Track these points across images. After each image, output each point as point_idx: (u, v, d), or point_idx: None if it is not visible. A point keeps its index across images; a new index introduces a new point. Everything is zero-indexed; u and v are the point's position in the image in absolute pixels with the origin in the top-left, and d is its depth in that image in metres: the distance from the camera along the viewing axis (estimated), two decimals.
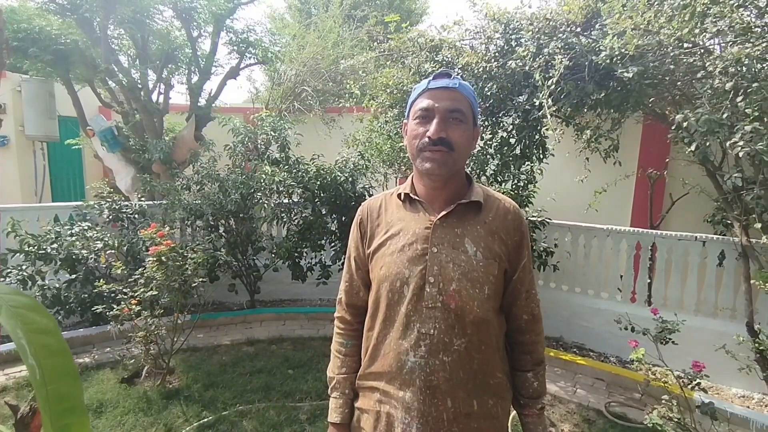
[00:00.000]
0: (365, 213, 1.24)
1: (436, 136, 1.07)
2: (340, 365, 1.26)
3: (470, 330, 1.08)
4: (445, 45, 3.71)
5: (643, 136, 5.08)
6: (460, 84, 1.12)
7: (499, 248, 1.12)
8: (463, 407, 1.09)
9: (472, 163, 3.89)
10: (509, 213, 1.17)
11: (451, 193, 1.15)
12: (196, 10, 5.72)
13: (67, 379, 0.33)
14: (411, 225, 1.14)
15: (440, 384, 1.07)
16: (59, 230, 4.00)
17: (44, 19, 5.30)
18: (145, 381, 3.23)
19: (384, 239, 1.16)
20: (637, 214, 5.21)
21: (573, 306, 4.24)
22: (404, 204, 1.19)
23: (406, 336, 1.09)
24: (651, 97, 3.28)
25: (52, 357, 0.31)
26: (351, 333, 1.28)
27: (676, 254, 3.79)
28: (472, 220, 1.13)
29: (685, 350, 2.90)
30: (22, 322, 0.30)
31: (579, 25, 3.20)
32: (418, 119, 1.12)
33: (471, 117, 1.13)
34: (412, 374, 1.08)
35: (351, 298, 1.27)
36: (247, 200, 4.37)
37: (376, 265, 1.16)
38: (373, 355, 1.18)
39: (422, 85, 1.15)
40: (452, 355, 1.07)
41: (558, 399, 3.25)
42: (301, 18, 10.61)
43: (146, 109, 5.83)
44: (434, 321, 1.07)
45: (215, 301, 4.86)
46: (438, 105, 1.09)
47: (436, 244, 1.10)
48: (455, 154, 1.09)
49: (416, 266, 1.09)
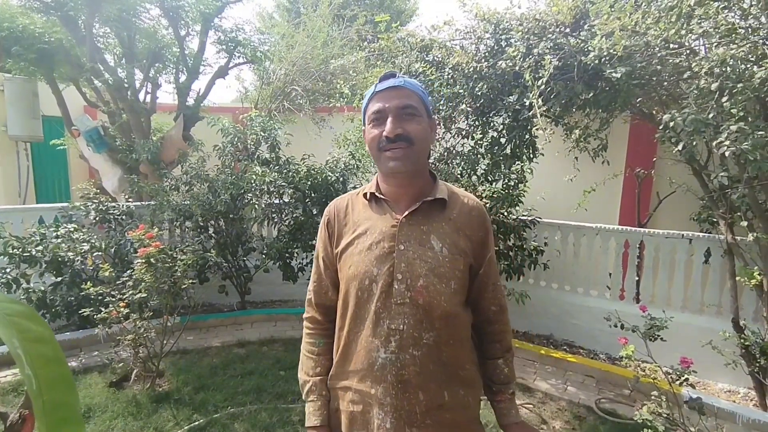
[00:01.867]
0: (332, 213, 1.25)
1: (393, 134, 1.10)
2: (313, 365, 1.26)
3: (438, 324, 1.11)
4: (436, 45, 3.72)
5: (631, 135, 5.15)
6: (405, 81, 1.15)
7: (465, 244, 1.15)
8: (435, 399, 1.11)
9: (463, 162, 3.91)
10: (473, 210, 1.20)
11: (417, 191, 1.17)
12: (184, 8, 5.65)
13: (62, 388, 0.32)
14: (378, 224, 1.16)
15: (411, 378, 1.09)
16: (44, 232, 3.92)
17: (28, 17, 5.19)
18: (134, 385, 3.18)
19: (352, 239, 1.18)
20: (625, 212, 5.28)
21: (563, 304, 4.28)
22: (370, 203, 1.21)
23: (376, 333, 1.11)
24: (638, 97, 3.32)
25: (47, 366, 0.31)
26: (322, 332, 1.28)
27: (664, 252, 3.84)
28: (437, 217, 1.16)
29: (672, 346, 2.94)
30: (18, 331, 0.29)
31: (568, 25, 3.23)
32: (373, 122, 1.15)
33: (423, 110, 1.16)
34: (383, 370, 1.10)
35: (320, 297, 1.28)
36: (237, 201, 4.33)
37: (344, 265, 1.18)
38: (344, 354, 1.19)
39: (371, 90, 1.18)
40: (422, 349, 1.10)
41: (549, 396, 3.28)
42: (290, 17, 10.55)
43: (133, 109, 5.74)
44: (403, 317, 1.10)
45: (205, 302, 4.81)
46: (389, 105, 1.12)
47: (403, 242, 1.12)
48: (416, 147, 1.11)
49: (384, 264, 1.11)
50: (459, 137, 3.97)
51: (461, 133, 3.95)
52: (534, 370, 3.68)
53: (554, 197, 4.77)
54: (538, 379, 3.52)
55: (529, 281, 4.48)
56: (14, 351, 0.30)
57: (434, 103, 3.61)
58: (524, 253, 4.03)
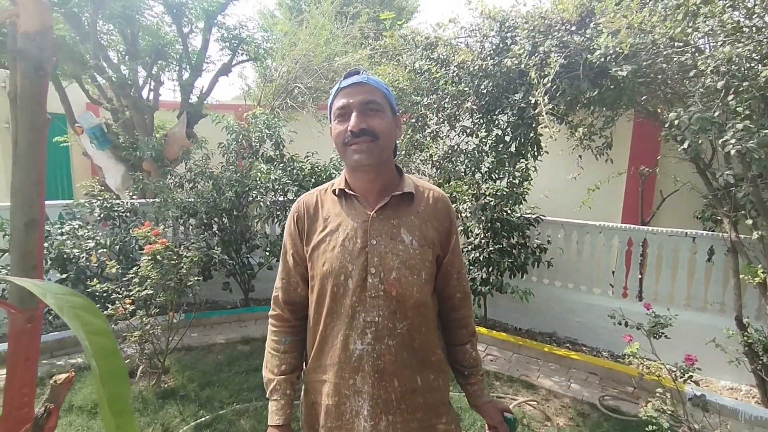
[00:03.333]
0: (301, 209, 1.26)
1: (357, 128, 1.12)
2: (278, 364, 1.26)
3: (411, 313, 1.16)
4: (441, 43, 3.72)
5: (635, 133, 5.15)
6: (369, 78, 1.17)
7: (432, 235, 1.19)
8: (409, 384, 1.17)
9: (467, 160, 3.92)
10: (439, 201, 1.24)
11: (384, 186, 1.20)
12: (187, 5, 5.65)
13: (119, 379, 0.33)
14: (349, 220, 1.18)
15: (387, 366, 1.14)
16: (49, 229, 3.93)
17: None
18: (140, 381, 3.20)
19: (323, 235, 1.19)
20: (628, 210, 5.29)
21: (566, 302, 4.29)
22: (339, 199, 1.22)
23: (352, 326, 1.15)
24: (644, 95, 3.33)
25: (107, 358, 0.31)
26: (288, 330, 1.29)
27: (667, 250, 3.85)
28: (406, 211, 1.19)
29: (675, 344, 2.95)
30: (81, 323, 0.30)
31: (574, 23, 3.23)
32: (338, 118, 1.16)
33: (388, 107, 1.18)
34: (360, 361, 1.14)
35: (289, 294, 1.28)
36: (242, 198, 4.34)
37: (317, 262, 1.19)
38: (320, 348, 1.21)
39: (335, 88, 1.20)
40: (396, 338, 1.15)
41: (553, 393, 3.30)
42: (292, 15, 10.52)
43: (136, 106, 5.75)
44: (378, 309, 1.14)
45: (209, 299, 4.82)
46: (353, 100, 1.14)
47: (374, 237, 1.15)
48: (381, 141, 1.14)
49: (358, 259, 1.14)
50: (464, 135, 3.98)
51: (466, 131, 3.96)
52: (537, 368, 3.69)
53: (558, 195, 4.78)
54: (542, 377, 3.54)
55: (532, 279, 4.50)
56: (82, 342, 0.31)
57: (439, 100, 3.62)
58: (528, 251, 4.05)
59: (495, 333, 4.13)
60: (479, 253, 4.03)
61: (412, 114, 3.88)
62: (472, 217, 3.93)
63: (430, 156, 3.97)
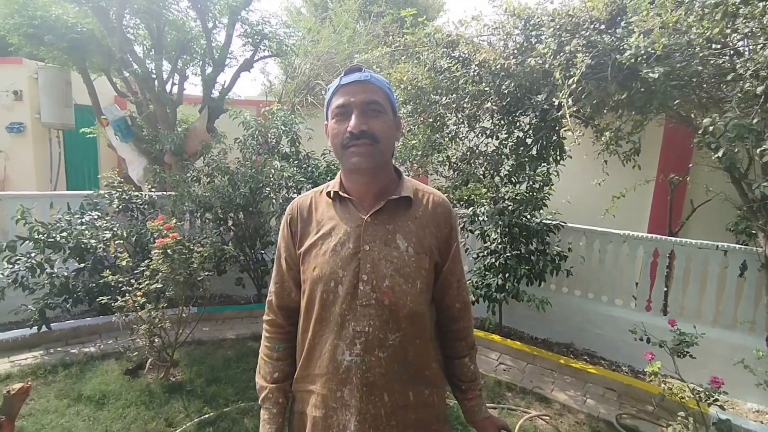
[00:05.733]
0: (295, 211, 1.22)
1: (358, 130, 1.06)
2: (271, 371, 1.23)
3: (404, 324, 1.10)
4: (462, 41, 3.62)
5: (665, 139, 4.93)
6: (371, 76, 1.12)
7: (430, 242, 1.13)
8: (400, 400, 1.11)
9: (486, 162, 3.81)
10: (438, 206, 1.18)
11: (381, 189, 1.14)
12: (212, 0, 5.68)
13: None
14: (342, 224, 1.13)
15: (377, 380, 1.08)
16: (69, 219, 4.00)
17: (60, 6, 5.30)
18: (148, 373, 3.21)
19: (315, 239, 1.15)
20: (655, 220, 5.06)
21: (585, 312, 4.13)
22: (334, 202, 1.17)
23: (341, 336, 1.09)
24: (676, 99, 3.15)
25: None
26: (282, 336, 1.25)
27: (696, 263, 3.66)
28: (402, 216, 1.13)
29: (701, 363, 2.79)
30: None
31: (603, 22, 3.08)
32: (337, 117, 1.11)
33: (389, 107, 1.13)
34: (348, 373, 1.09)
35: (282, 300, 1.24)
36: (256, 194, 4.33)
37: (309, 266, 1.14)
38: (308, 357, 1.16)
39: (335, 84, 1.14)
40: (387, 350, 1.09)
41: (567, 408, 3.16)
42: (317, 12, 10.53)
43: (159, 100, 5.82)
44: (369, 318, 1.08)
45: (222, 294, 4.85)
46: (354, 99, 1.08)
47: (368, 242, 1.10)
48: (380, 145, 1.09)
49: (349, 265, 1.09)
50: (483, 136, 3.87)
51: (485, 132, 3.84)
52: (552, 380, 3.55)
53: (581, 202, 4.60)
54: (556, 390, 3.40)
55: (550, 287, 4.35)
56: None
57: (458, 100, 3.52)
58: (546, 258, 3.90)
59: (509, 341, 4.01)
60: (495, 259, 3.91)
61: (430, 113, 3.79)
62: (490, 221, 3.82)
63: (448, 157, 3.87)
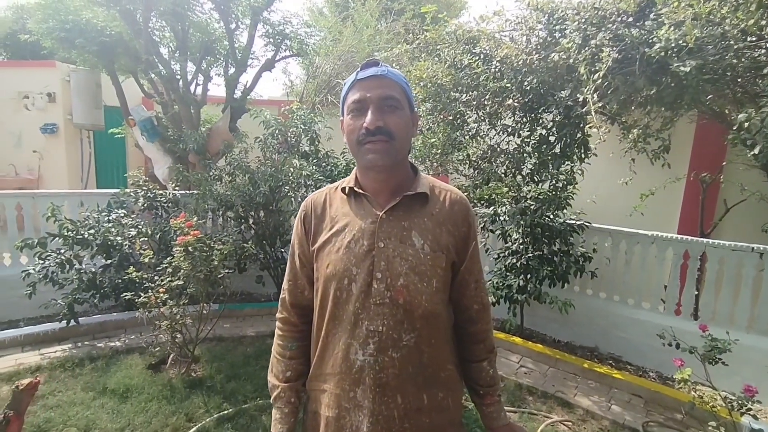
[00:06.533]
0: (309, 208, 1.20)
1: (374, 126, 1.04)
2: (284, 369, 1.22)
3: (419, 324, 1.07)
4: (483, 37, 3.55)
5: (697, 136, 4.74)
6: (389, 71, 1.09)
7: (447, 240, 1.11)
8: (414, 402, 1.08)
9: (508, 161, 3.73)
10: (456, 204, 1.15)
11: (396, 185, 1.12)
12: (235, 1, 5.75)
13: None
14: (356, 220, 1.11)
15: (390, 381, 1.06)
16: (97, 216, 4.12)
17: (90, 10, 5.47)
18: (170, 368, 3.27)
19: (329, 236, 1.13)
20: (686, 220, 4.87)
21: (611, 315, 4.00)
22: (349, 198, 1.15)
23: (354, 335, 1.07)
24: (709, 94, 3.01)
25: None
26: (295, 335, 1.23)
27: (729, 265, 3.50)
28: (418, 213, 1.11)
29: (733, 369, 2.66)
30: None
31: (631, 14, 2.97)
32: (353, 113, 1.08)
33: (406, 103, 1.11)
34: (361, 373, 1.07)
35: (295, 297, 1.22)
36: (276, 193, 4.36)
37: (322, 263, 1.12)
38: (322, 356, 1.15)
39: (351, 78, 1.11)
40: (401, 350, 1.06)
41: (590, 414, 3.06)
42: (338, 11, 10.56)
43: (183, 100, 5.94)
44: (383, 318, 1.06)
45: (244, 291, 4.91)
46: (370, 95, 1.06)
47: (382, 239, 1.07)
48: (396, 142, 1.06)
49: (363, 263, 1.07)
50: (504, 134, 3.78)
51: (507, 129, 3.76)
52: (575, 385, 3.45)
53: (606, 201, 4.46)
54: (579, 395, 3.30)
55: (574, 289, 4.23)
56: None
57: (479, 97, 3.45)
58: (570, 260, 3.79)
59: (531, 344, 3.92)
60: (517, 260, 3.82)
61: (450, 111, 3.73)
62: (511, 221, 3.73)
63: (468, 156, 3.80)
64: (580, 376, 3.57)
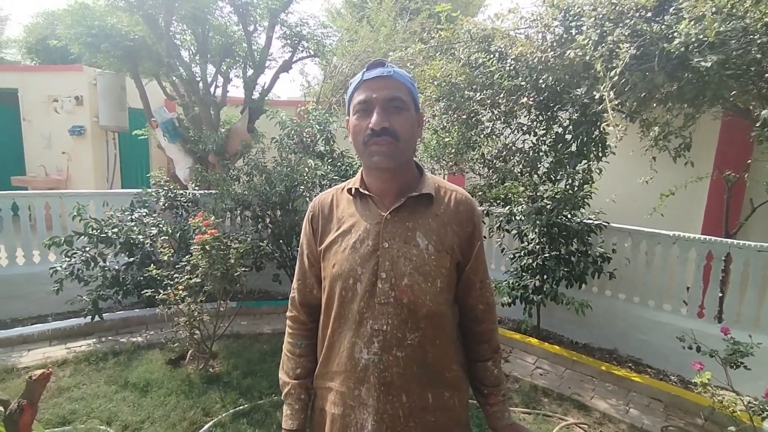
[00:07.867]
0: (316, 208, 1.22)
1: (379, 127, 1.05)
2: (294, 367, 1.24)
3: (424, 324, 1.08)
4: (498, 34, 3.51)
5: (721, 133, 4.59)
6: (395, 71, 1.10)
7: (452, 240, 1.11)
8: (418, 401, 1.09)
9: (523, 160, 3.69)
10: (461, 204, 1.16)
11: (402, 186, 1.13)
12: (253, 4, 5.85)
13: None
14: (362, 221, 1.13)
15: (395, 380, 1.07)
16: (120, 216, 4.25)
17: (115, 16, 5.64)
18: (189, 364, 3.35)
19: (336, 236, 1.15)
20: (710, 220, 4.72)
21: (630, 317, 3.91)
22: (354, 199, 1.17)
23: (359, 333, 1.09)
24: (732, 89, 2.91)
25: None
26: (305, 333, 1.26)
27: (755, 267, 3.38)
28: (423, 213, 1.12)
29: (756, 374, 2.57)
30: None
31: (650, 9, 2.89)
32: (358, 113, 1.09)
33: (412, 104, 1.11)
34: (366, 371, 1.08)
35: (304, 296, 1.25)
36: (291, 193, 4.41)
37: (328, 263, 1.15)
38: (328, 354, 1.17)
39: (357, 78, 1.12)
40: (406, 350, 1.08)
41: (608, 417, 3.01)
42: (355, 12, 10.60)
43: (203, 102, 6.06)
44: (387, 317, 1.07)
45: (261, 289, 4.99)
46: (376, 95, 1.06)
47: (387, 239, 1.09)
48: (401, 143, 1.07)
49: (368, 263, 1.09)
50: (519, 133, 3.74)
51: (522, 128, 3.72)
52: (592, 387, 3.40)
53: (626, 201, 4.36)
54: (597, 398, 3.25)
55: (592, 290, 4.15)
56: None
57: (493, 96, 3.42)
58: (588, 260, 3.73)
59: (547, 345, 3.87)
60: (533, 260, 3.78)
61: (465, 110, 3.71)
62: (527, 221, 3.69)
63: (482, 155, 3.77)
64: (597, 378, 3.51)
